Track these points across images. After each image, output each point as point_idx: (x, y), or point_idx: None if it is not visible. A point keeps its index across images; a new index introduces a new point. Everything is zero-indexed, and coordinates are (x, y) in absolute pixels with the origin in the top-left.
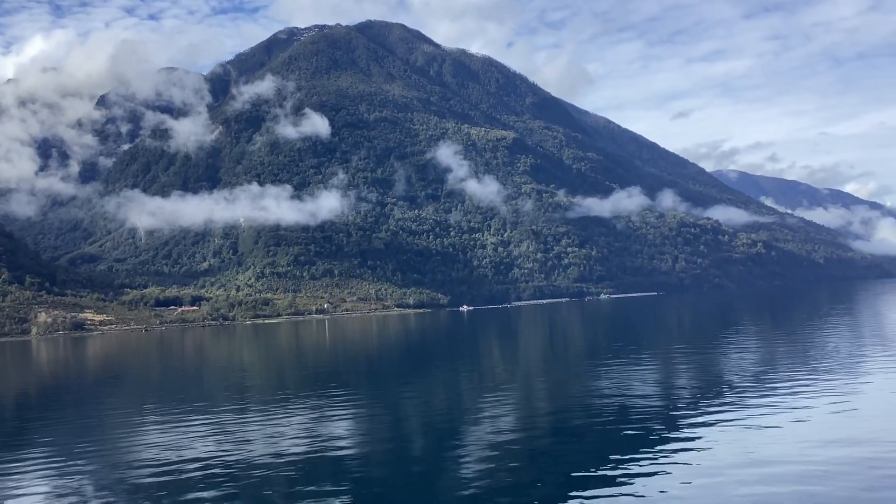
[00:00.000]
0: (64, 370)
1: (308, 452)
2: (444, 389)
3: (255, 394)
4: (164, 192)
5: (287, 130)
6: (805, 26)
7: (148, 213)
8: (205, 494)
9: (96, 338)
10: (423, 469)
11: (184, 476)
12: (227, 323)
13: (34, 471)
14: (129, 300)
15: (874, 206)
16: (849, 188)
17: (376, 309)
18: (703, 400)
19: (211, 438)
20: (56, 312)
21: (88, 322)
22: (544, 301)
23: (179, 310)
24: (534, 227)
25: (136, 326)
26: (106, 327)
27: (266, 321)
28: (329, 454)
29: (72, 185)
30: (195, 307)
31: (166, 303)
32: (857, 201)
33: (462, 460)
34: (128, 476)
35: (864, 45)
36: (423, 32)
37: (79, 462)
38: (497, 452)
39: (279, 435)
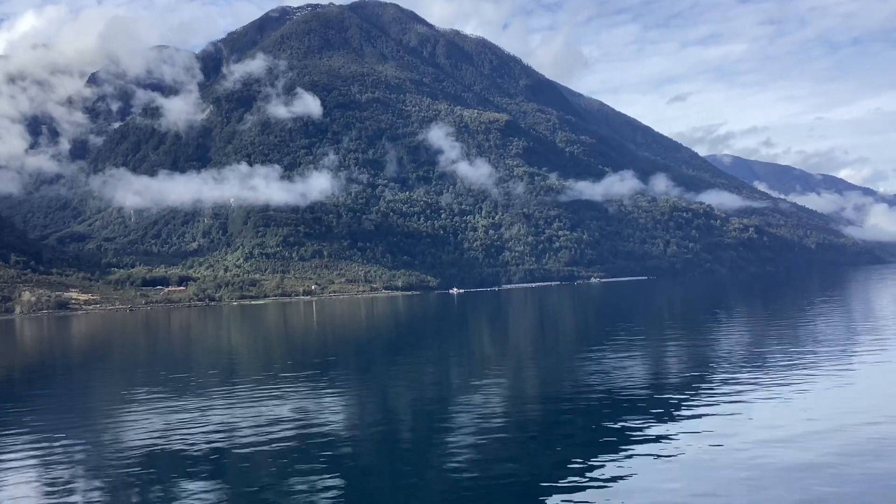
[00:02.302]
0: (49, 349)
1: (294, 433)
2: (432, 372)
3: (241, 375)
4: (151, 171)
5: (278, 110)
6: (800, 11)
7: (134, 191)
8: (190, 474)
9: (80, 317)
10: (411, 450)
11: (168, 457)
12: (213, 304)
13: (15, 451)
14: (116, 280)
15: (867, 192)
16: (843, 174)
17: (364, 291)
18: (694, 382)
19: (196, 420)
20: (41, 291)
21: (73, 301)
22: (534, 284)
23: (165, 290)
24: (525, 210)
25: (120, 306)
26: (90, 307)
27: (252, 302)
28: (316, 433)
29: (62, 163)
30: (181, 287)
31: (153, 283)
32: (851, 187)
33: (451, 443)
34: (112, 456)
35: (860, 31)
36: (417, 13)
37: (62, 442)
38: (486, 434)
39: (265, 416)
